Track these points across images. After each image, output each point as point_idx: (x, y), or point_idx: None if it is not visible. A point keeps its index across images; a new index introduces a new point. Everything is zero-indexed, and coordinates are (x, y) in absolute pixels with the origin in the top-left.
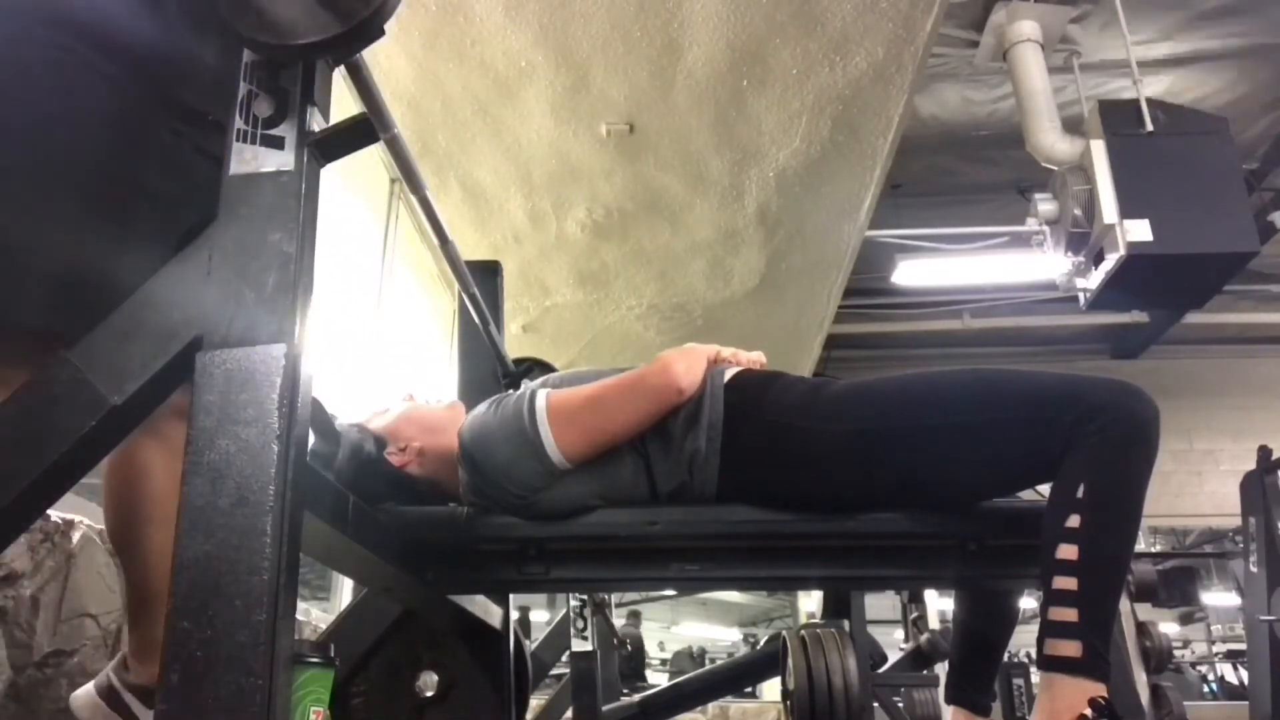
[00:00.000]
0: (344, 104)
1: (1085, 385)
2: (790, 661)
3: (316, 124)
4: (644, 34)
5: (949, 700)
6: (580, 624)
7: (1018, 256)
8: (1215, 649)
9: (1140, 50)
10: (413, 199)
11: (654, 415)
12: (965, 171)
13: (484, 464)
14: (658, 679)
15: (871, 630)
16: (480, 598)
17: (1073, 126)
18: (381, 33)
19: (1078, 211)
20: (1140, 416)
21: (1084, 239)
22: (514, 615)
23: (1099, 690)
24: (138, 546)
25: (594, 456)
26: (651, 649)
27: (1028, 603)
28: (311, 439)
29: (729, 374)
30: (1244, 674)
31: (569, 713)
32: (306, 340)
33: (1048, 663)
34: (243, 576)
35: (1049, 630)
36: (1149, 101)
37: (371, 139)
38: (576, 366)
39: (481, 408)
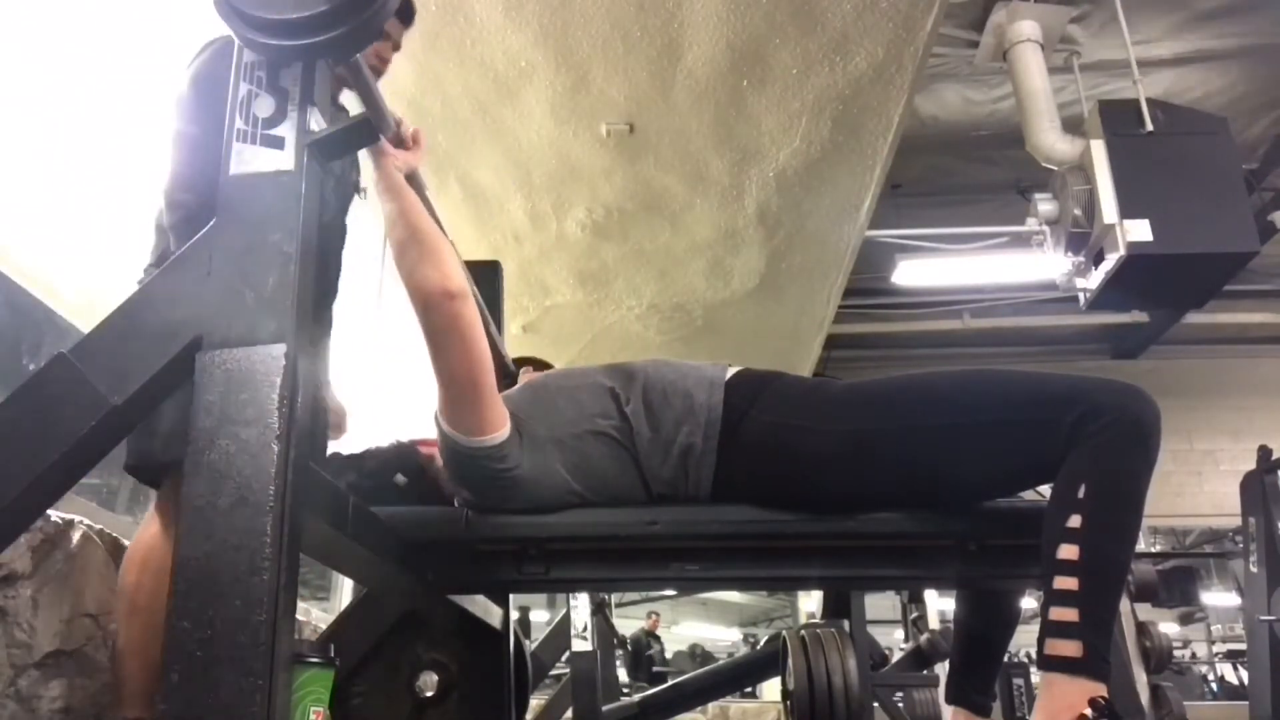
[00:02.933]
0: (343, 104)
1: (1087, 386)
2: (790, 661)
3: (316, 124)
4: (644, 34)
5: (949, 700)
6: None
7: (1018, 256)
8: (1215, 649)
9: (1140, 50)
10: None
11: (469, 327)
12: (965, 171)
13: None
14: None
15: (871, 630)
16: (480, 598)
17: (1073, 126)
18: (381, 33)
19: (1078, 211)
20: (1141, 417)
21: (1084, 239)
22: (514, 615)
23: (1099, 690)
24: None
25: (495, 407)
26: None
27: (1028, 603)
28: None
29: (729, 373)
30: (1244, 674)
31: (569, 713)
32: (306, 340)
33: (1048, 662)
34: (243, 576)
35: (1049, 630)
36: (1149, 101)
37: (372, 139)
38: (576, 366)
39: None
